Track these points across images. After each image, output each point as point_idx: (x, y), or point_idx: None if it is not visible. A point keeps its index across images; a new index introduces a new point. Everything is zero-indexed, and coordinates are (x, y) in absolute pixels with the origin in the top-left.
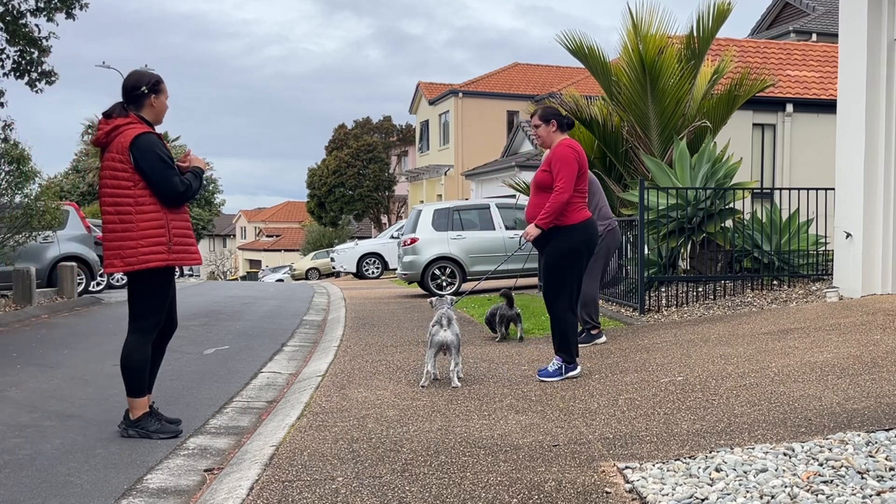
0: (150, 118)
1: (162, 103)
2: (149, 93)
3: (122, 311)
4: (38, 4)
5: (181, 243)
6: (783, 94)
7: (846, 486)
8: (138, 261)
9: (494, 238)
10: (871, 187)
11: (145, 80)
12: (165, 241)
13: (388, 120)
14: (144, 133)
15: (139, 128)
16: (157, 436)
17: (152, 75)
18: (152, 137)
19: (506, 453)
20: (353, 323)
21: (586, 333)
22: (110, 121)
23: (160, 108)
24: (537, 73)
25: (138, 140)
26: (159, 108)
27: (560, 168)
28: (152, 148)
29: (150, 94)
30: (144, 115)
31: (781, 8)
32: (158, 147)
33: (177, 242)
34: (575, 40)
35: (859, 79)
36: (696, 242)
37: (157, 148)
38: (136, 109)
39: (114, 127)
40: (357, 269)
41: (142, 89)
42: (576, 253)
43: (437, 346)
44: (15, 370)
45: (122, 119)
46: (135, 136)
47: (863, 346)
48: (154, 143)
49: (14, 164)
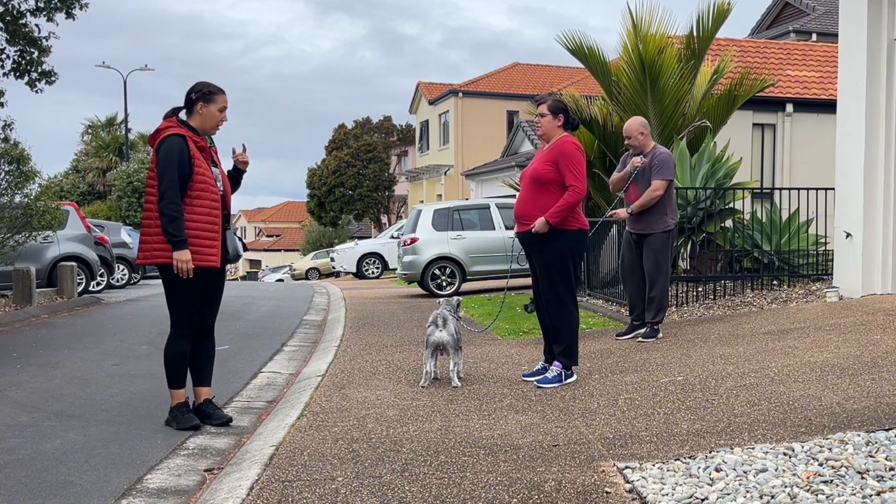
0: (196, 125)
1: (210, 112)
2: (196, 100)
3: (122, 311)
4: (38, 4)
5: (197, 244)
6: (783, 94)
7: (846, 486)
8: (150, 255)
9: (494, 238)
10: (871, 187)
11: (197, 88)
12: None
13: (387, 120)
14: (170, 136)
15: (171, 131)
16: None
17: (208, 86)
18: (175, 143)
19: (506, 453)
20: (353, 323)
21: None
22: (162, 122)
23: (207, 116)
24: (537, 73)
25: (163, 142)
26: (206, 117)
27: (572, 166)
28: (169, 154)
29: (199, 101)
30: (192, 120)
31: (781, 8)
32: (175, 154)
33: (191, 243)
34: (575, 40)
35: (859, 79)
36: (696, 242)
37: (174, 154)
38: (187, 114)
39: (157, 129)
40: (357, 269)
41: (191, 96)
42: (577, 254)
43: (433, 346)
44: (15, 370)
45: (165, 122)
46: (162, 138)
47: (863, 346)
48: (173, 150)
49: (14, 164)
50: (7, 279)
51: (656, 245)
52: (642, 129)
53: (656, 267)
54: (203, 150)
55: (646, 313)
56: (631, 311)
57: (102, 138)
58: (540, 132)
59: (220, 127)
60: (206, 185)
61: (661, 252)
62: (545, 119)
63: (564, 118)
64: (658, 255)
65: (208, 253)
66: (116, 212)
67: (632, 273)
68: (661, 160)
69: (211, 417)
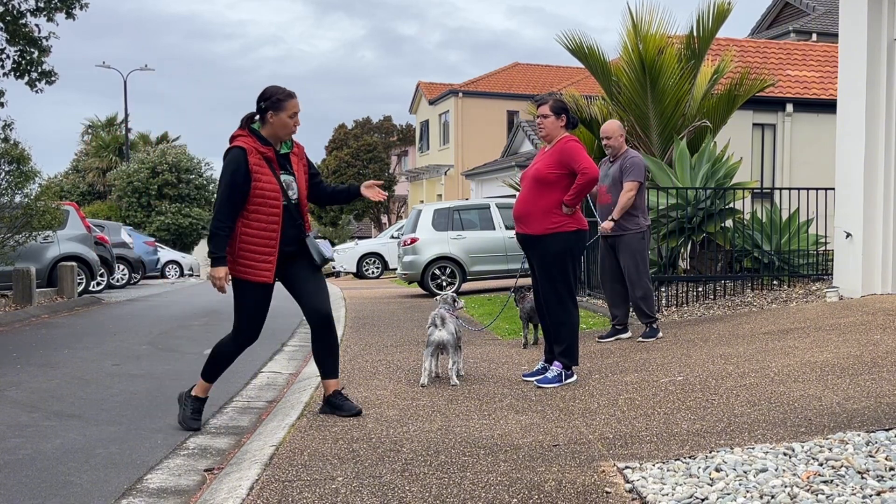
0: (267, 133)
1: (281, 120)
2: (266, 109)
3: (122, 311)
4: (38, 4)
5: (250, 258)
6: (783, 93)
7: (846, 485)
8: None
9: (494, 238)
10: (871, 187)
11: (266, 96)
12: (231, 252)
13: (388, 120)
14: (231, 149)
15: (235, 142)
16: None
17: (276, 92)
18: (232, 158)
19: (506, 453)
20: (353, 323)
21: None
22: (235, 130)
23: (279, 124)
24: (537, 73)
25: (225, 156)
26: (277, 125)
27: (578, 157)
28: (225, 170)
29: (268, 111)
30: (264, 129)
31: (781, 8)
32: (229, 171)
33: (244, 256)
34: (575, 40)
35: (859, 79)
36: (696, 242)
37: (228, 172)
38: (260, 123)
39: (230, 137)
40: (357, 269)
41: (261, 105)
42: (576, 254)
43: (434, 345)
44: (15, 370)
45: (237, 131)
46: (226, 150)
47: (863, 345)
48: (229, 166)
49: (14, 164)
50: (7, 279)
51: (632, 246)
52: (621, 131)
53: (636, 267)
54: (270, 160)
55: (637, 315)
56: (612, 315)
57: (102, 138)
58: (543, 133)
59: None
60: (263, 199)
61: (639, 252)
62: (548, 120)
63: (567, 118)
64: (636, 255)
65: (262, 269)
66: (116, 212)
67: (611, 278)
68: (633, 163)
69: (341, 409)
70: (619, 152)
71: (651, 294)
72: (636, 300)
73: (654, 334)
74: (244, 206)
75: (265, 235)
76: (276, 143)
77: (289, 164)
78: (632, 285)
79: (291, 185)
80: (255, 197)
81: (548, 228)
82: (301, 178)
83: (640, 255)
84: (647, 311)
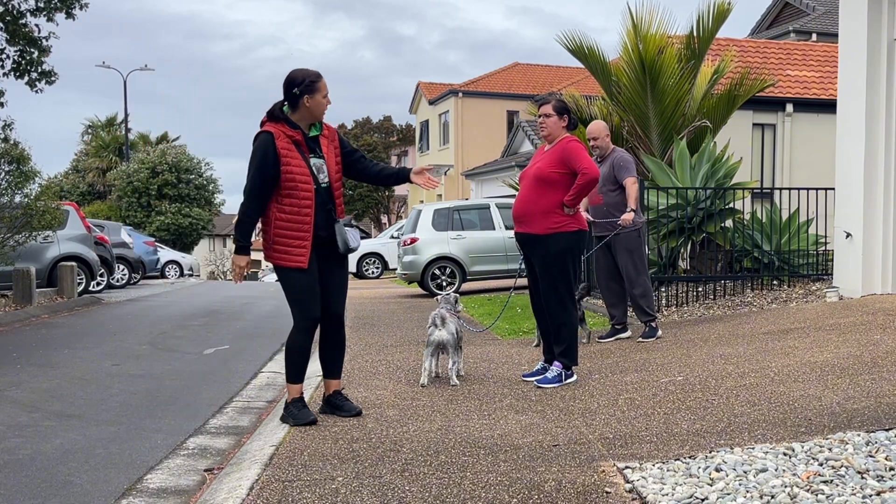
0: (300, 117)
1: (317, 102)
2: (301, 94)
3: (122, 311)
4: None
5: (285, 244)
6: (783, 94)
7: (846, 485)
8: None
9: (494, 238)
10: (871, 187)
11: (298, 81)
12: (268, 239)
13: (388, 120)
14: (260, 133)
15: (264, 128)
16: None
17: (307, 74)
18: (261, 144)
19: (506, 453)
20: (353, 323)
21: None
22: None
23: (314, 106)
24: (537, 73)
25: (254, 142)
26: (314, 107)
27: (577, 156)
28: (253, 156)
29: (304, 94)
30: (297, 114)
31: (781, 8)
32: (258, 157)
33: (279, 242)
34: (574, 40)
35: (859, 79)
36: (696, 242)
37: (256, 157)
38: (291, 110)
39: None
40: (357, 269)
41: (294, 91)
42: (576, 254)
43: (434, 345)
44: (15, 370)
45: (265, 117)
46: (255, 136)
47: (863, 346)
48: (257, 153)
49: (14, 164)
50: (7, 279)
51: (629, 244)
52: (607, 131)
53: (634, 265)
54: (299, 143)
55: (636, 313)
56: (611, 315)
57: (102, 138)
58: (545, 133)
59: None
60: (294, 183)
61: (636, 250)
62: (551, 120)
63: (569, 119)
64: (633, 253)
65: (297, 254)
66: (116, 212)
67: (607, 276)
68: (625, 160)
69: (341, 409)
70: (606, 152)
71: (650, 292)
72: (635, 298)
73: (653, 334)
74: (276, 192)
75: (298, 220)
76: (307, 126)
77: (318, 147)
78: (631, 283)
79: (322, 169)
80: (285, 181)
81: (549, 228)
82: (332, 161)
83: (638, 253)
84: (646, 309)
